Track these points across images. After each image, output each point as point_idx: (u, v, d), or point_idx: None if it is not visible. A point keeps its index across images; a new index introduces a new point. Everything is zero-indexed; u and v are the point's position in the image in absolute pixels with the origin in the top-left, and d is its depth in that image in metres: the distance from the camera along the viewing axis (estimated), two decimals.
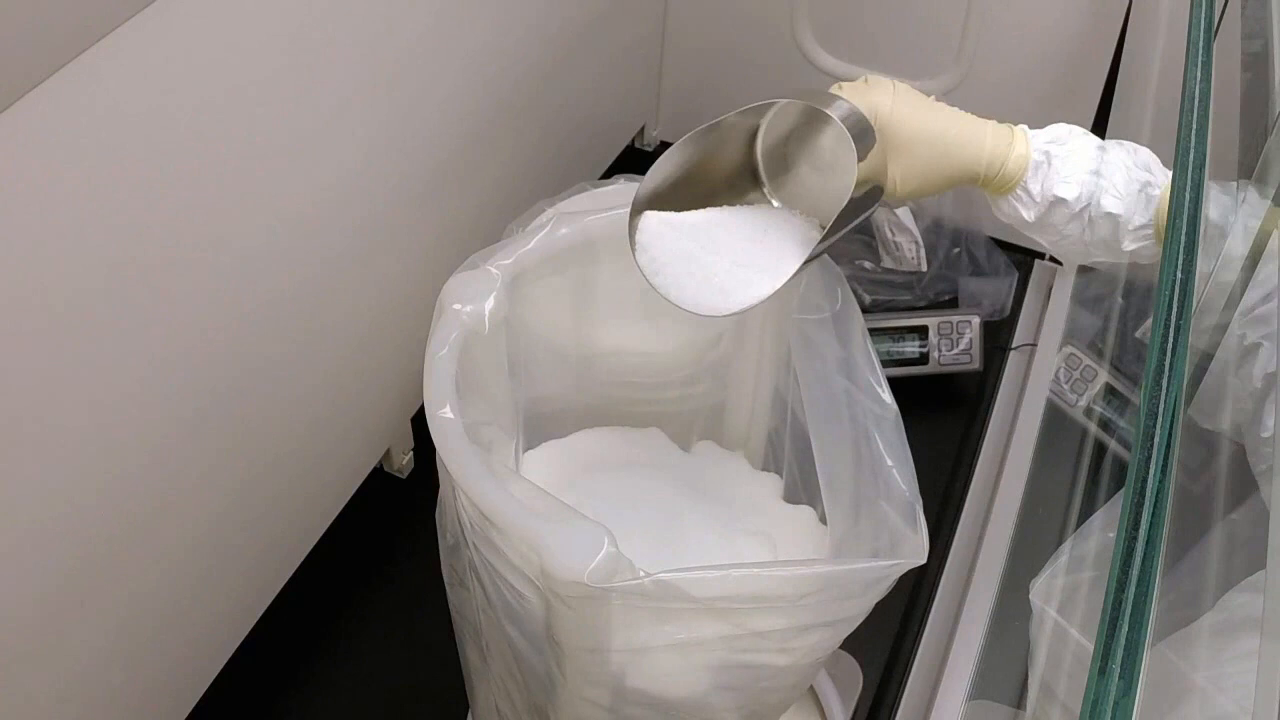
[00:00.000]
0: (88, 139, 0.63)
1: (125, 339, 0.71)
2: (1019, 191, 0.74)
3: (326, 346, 0.94)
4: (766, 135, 0.77)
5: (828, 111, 0.69)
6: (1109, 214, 0.72)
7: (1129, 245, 0.73)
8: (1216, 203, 0.68)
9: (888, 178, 0.73)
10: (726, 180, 0.77)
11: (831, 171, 0.76)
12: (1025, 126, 0.75)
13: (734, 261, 0.73)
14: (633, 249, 0.73)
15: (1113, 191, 0.72)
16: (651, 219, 0.74)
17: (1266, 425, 0.67)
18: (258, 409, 0.87)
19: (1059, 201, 0.72)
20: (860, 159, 0.68)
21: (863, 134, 0.69)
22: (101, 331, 0.69)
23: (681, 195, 0.75)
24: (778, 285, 0.71)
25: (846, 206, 0.68)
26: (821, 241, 0.70)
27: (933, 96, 0.75)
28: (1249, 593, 0.64)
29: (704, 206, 0.76)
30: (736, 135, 0.76)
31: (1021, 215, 0.75)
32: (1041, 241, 0.77)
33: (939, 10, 1.27)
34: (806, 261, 0.71)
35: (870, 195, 0.71)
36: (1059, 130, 0.75)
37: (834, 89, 0.75)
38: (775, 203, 0.78)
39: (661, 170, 0.73)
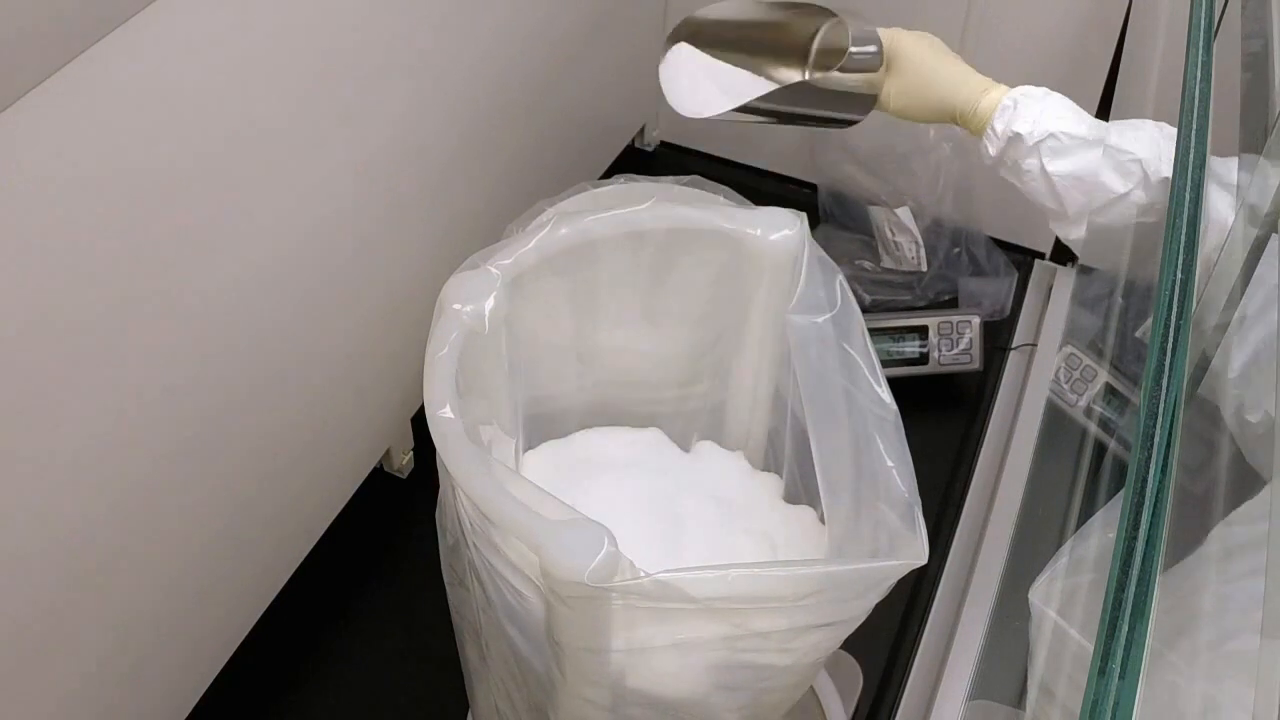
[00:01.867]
0: (87, 139, 0.62)
1: (125, 338, 0.71)
2: (988, 130, 0.81)
3: (327, 347, 0.94)
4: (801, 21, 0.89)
5: (844, 18, 0.84)
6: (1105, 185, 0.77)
7: (1139, 212, 0.78)
8: (1216, 204, 0.68)
9: (883, 91, 0.84)
10: (773, 50, 0.90)
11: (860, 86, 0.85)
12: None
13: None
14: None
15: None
16: (689, 53, 0.87)
17: (1250, 408, 0.68)
18: (258, 409, 0.87)
19: (1016, 136, 0.79)
20: (854, 34, 0.82)
21: (868, 39, 0.83)
22: (101, 331, 0.69)
23: (726, 39, 0.88)
24: (729, 105, 0.82)
25: (832, 75, 0.82)
26: (793, 85, 0.85)
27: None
28: (1240, 525, 0.67)
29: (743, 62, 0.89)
30: (796, 22, 0.89)
31: (988, 150, 0.81)
32: (1017, 184, 0.83)
33: (939, 10, 1.27)
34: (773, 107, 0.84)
35: (865, 99, 0.84)
36: (1039, 90, 0.82)
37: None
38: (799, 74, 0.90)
39: (719, 12, 0.87)
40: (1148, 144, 0.77)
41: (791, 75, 0.90)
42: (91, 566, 0.75)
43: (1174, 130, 0.75)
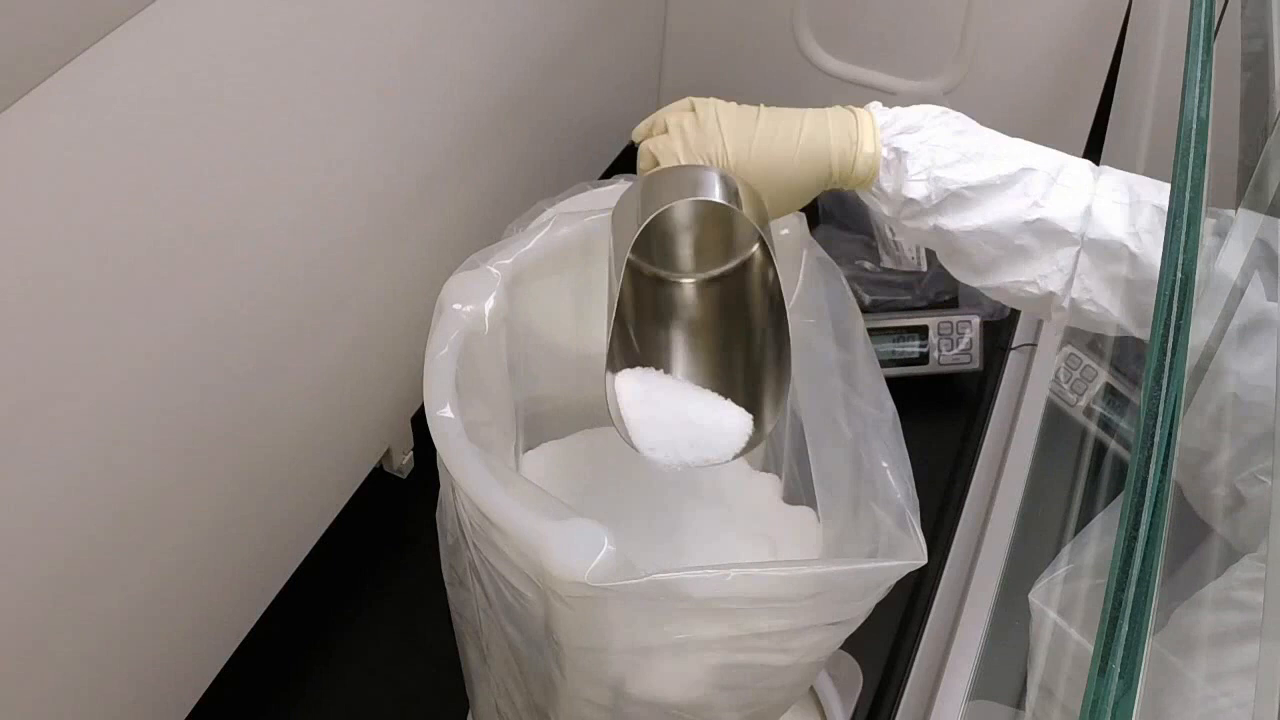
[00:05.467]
0: (87, 139, 0.62)
1: (124, 340, 0.71)
2: (874, 189, 0.71)
3: (326, 346, 0.94)
4: (640, 249, 0.75)
5: (715, 200, 0.67)
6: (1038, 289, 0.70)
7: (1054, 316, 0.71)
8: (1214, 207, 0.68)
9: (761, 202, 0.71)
10: (650, 304, 0.77)
11: (714, 223, 0.75)
12: (876, 107, 0.72)
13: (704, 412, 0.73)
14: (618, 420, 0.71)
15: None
16: (622, 385, 0.72)
17: (1188, 431, 0.64)
18: (257, 409, 0.87)
19: (909, 201, 0.70)
20: (747, 217, 0.67)
21: (732, 193, 0.67)
22: (102, 332, 0.69)
23: (635, 343, 0.74)
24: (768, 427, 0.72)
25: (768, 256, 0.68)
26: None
27: (760, 105, 0.72)
28: (1195, 610, 0.62)
29: (655, 342, 0.76)
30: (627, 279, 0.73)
31: (881, 210, 0.72)
32: (909, 240, 0.74)
33: (939, 10, 1.27)
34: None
35: (765, 224, 0.70)
36: (913, 116, 0.71)
37: (660, 129, 0.73)
38: (686, 281, 0.78)
39: (611, 338, 0.70)
40: (1076, 205, 0.68)
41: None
42: (91, 566, 0.75)
43: (1098, 169, 0.70)
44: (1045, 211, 0.68)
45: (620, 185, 0.85)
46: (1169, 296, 0.52)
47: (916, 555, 0.66)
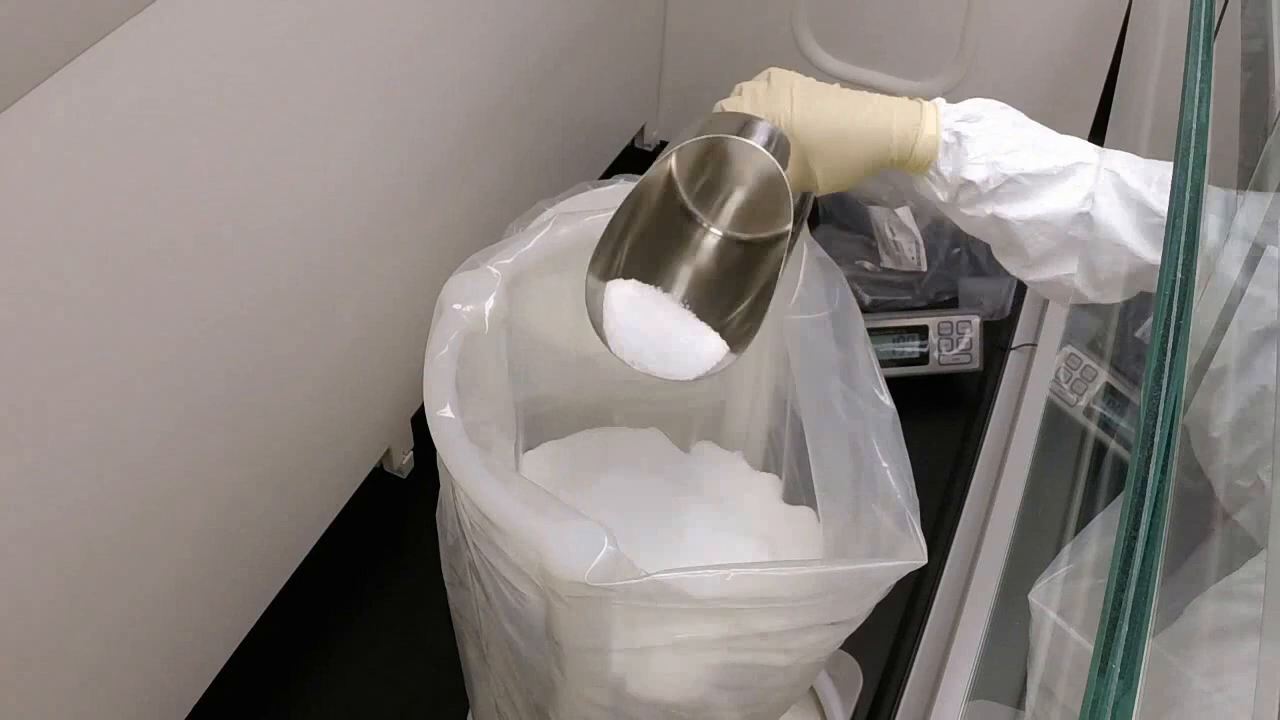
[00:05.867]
0: (87, 139, 0.62)
1: (125, 339, 0.71)
2: (931, 173, 0.73)
3: (326, 346, 0.94)
4: (682, 174, 0.76)
5: (749, 142, 0.68)
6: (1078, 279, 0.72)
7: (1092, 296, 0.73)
8: (1216, 205, 0.68)
9: (812, 179, 0.73)
10: (669, 230, 0.78)
11: (759, 184, 0.76)
12: (941, 101, 0.74)
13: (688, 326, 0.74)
14: (599, 328, 0.74)
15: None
16: (615, 291, 0.74)
17: (1215, 423, 0.66)
18: (258, 409, 0.87)
19: (967, 184, 0.72)
20: (786, 174, 0.68)
21: (779, 148, 0.69)
22: (101, 332, 0.69)
23: (636, 259, 0.75)
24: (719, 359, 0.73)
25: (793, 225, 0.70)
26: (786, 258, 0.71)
27: (837, 84, 0.75)
28: (1215, 601, 0.63)
29: (656, 262, 0.76)
30: (660, 185, 0.76)
31: (937, 195, 0.74)
32: (963, 228, 0.76)
33: (939, 10, 1.27)
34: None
35: (805, 200, 0.72)
36: (973, 106, 0.73)
37: (735, 92, 0.75)
38: (716, 231, 0.78)
39: (607, 247, 0.73)
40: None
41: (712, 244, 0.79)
42: (90, 566, 0.75)
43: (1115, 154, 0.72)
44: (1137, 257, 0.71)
45: (621, 185, 0.85)
46: (1169, 296, 0.52)
47: (916, 555, 0.66)
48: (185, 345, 0.76)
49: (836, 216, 1.43)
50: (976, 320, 1.28)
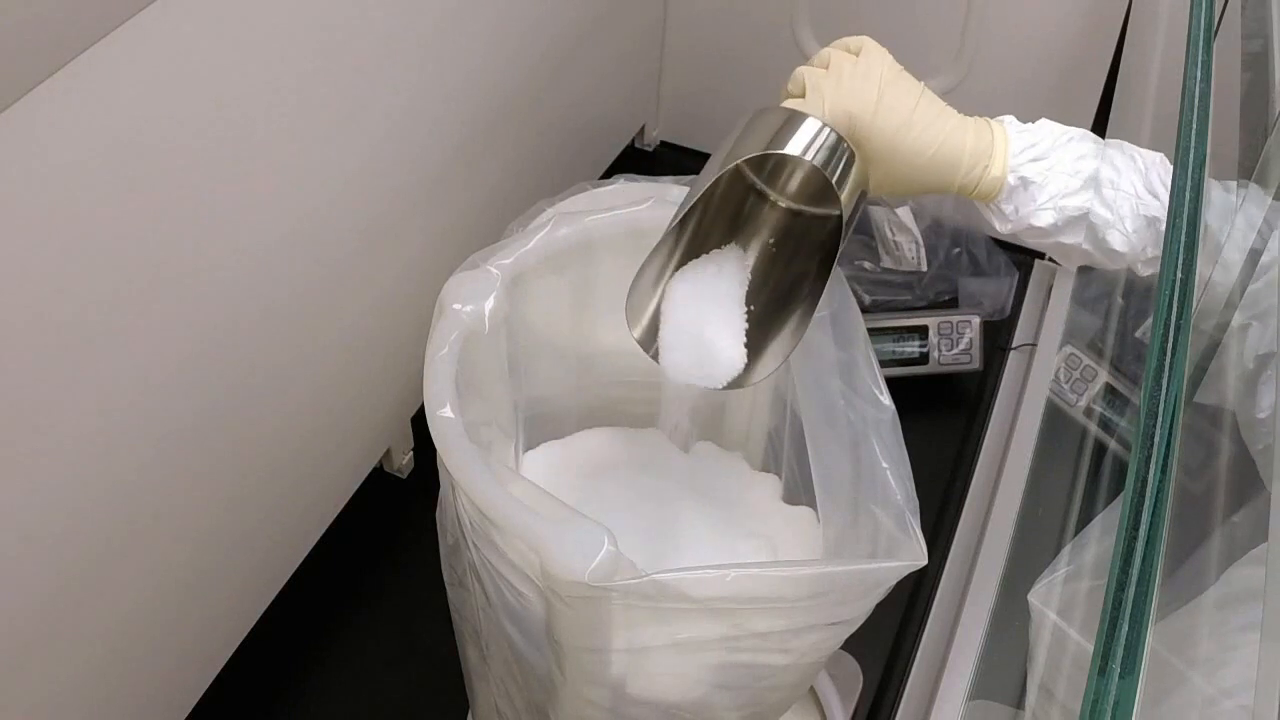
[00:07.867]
0: (87, 139, 0.62)
1: (124, 339, 0.71)
2: (994, 206, 0.73)
3: (327, 346, 0.94)
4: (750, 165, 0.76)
5: (798, 156, 0.67)
6: (1116, 251, 0.71)
7: (1144, 271, 0.73)
8: (1217, 204, 0.68)
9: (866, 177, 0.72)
10: (735, 216, 0.78)
11: (808, 181, 0.76)
12: (1012, 124, 0.72)
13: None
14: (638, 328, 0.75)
15: (1119, 228, 0.71)
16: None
17: (1261, 405, 0.67)
18: (258, 409, 0.87)
19: (1033, 228, 0.72)
20: (841, 191, 0.67)
21: (837, 161, 0.67)
22: (101, 332, 0.69)
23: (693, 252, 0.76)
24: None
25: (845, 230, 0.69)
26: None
27: (923, 83, 0.73)
28: (1251, 566, 0.64)
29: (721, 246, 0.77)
30: (724, 183, 0.75)
31: (995, 226, 0.74)
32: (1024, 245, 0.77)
33: (939, 10, 1.27)
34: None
35: (860, 199, 0.71)
36: (1044, 141, 0.71)
37: (818, 59, 0.73)
38: (784, 204, 0.78)
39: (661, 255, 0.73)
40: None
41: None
42: (90, 566, 0.75)
43: (1160, 169, 0.72)
44: (1158, 204, 0.71)
45: (621, 185, 0.85)
46: (1169, 296, 0.52)
47: (916, 556, 0.66)
48: (185, 345, 0.76)
49: None
50: (976, 320, 1.28)
